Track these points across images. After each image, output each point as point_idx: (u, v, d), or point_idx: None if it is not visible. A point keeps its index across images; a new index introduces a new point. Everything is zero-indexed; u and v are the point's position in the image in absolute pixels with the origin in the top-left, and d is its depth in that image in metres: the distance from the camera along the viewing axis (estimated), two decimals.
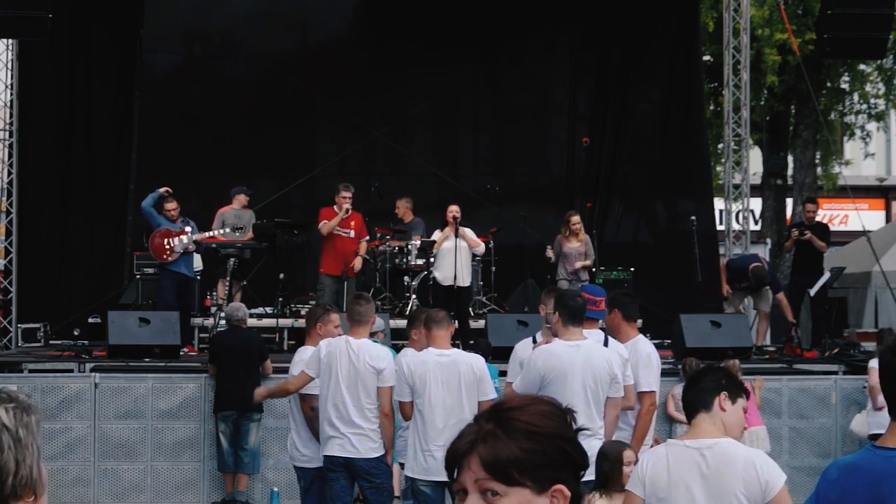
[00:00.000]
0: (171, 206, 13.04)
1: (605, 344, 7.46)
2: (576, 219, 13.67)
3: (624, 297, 7.79)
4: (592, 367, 6.75)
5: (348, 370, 7.43)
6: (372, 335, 9.29)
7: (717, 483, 4.09)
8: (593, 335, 7.51)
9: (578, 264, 13.47)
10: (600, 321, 7.68)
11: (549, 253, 13.62)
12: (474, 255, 13.58)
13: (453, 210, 13.51)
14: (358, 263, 13.41)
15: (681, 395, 4.63)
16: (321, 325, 8.00)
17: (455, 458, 1.96)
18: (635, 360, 7.31)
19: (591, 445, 6.61)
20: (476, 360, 7.29)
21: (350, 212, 13.17)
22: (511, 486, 1.91)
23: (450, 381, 7.07)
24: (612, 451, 5.85)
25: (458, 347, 8.41)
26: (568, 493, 1.91)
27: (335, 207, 13.30)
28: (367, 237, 13.52)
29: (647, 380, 7.29)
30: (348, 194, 13.18)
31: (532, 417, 1.94)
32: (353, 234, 13.33)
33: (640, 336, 7.66)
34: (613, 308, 7.53)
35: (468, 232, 13.27)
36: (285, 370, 9.96)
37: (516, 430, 1.93)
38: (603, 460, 5.76)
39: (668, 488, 4.15)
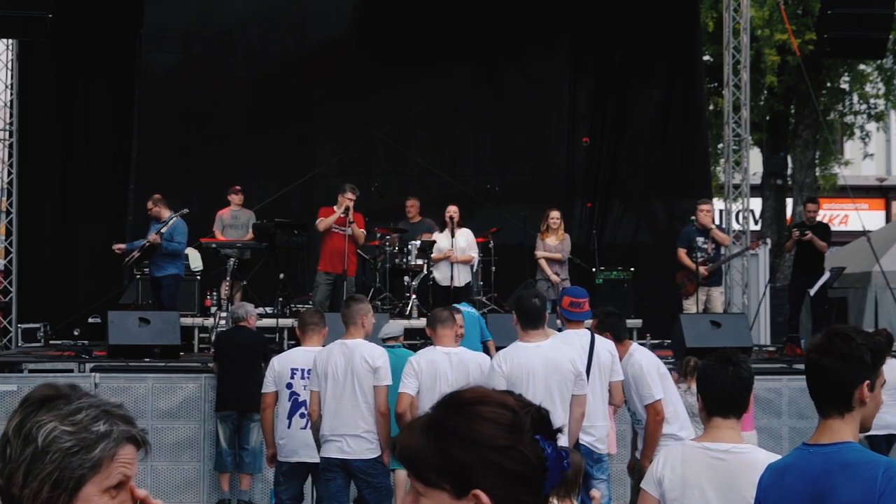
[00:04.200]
0: (149, 205, 13.07)
1: (592, 343, 7.48)
2: (554, 214, 13.66)
3: (612, 317, 7.75)
4: (556, 365, 6.72)
5: (345, 372, 7.43)
6: (393, 340, 9.19)
7: (733, 488, 3.99)
8: (580, 335, 7.53)
9: (540, 254, 13.47)
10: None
11: (544, 265, 13.58)
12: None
13: (451, 211, 13.56)
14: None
15: (701, 385, 4.22)
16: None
17: (393, 449, 1.96)
18: (634, 375, 7.36)
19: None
20: (483, 359, 7.30)
21: (350, 211, 13.15)
22: (429, 488, 1.88)
23: (458, 380, 7.04)
24: (573, 458, 5.82)
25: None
26: (486, 499, 1.84)
27: (335, 207, 13.29)
28: (363, 231, 13.45)
29: (648, 392, 7.31)
30: (353, 196, 13.16)
31: (461, 420, 1.88)
32: (349, 231, 13.31)
33: (633, 347, 7.67)
34: (604, 332, 7.55)
35: (462, 239, 13.34)
36: None
37: (442, 431, 1.88)
38: None
39: (682, 489, 4.05)
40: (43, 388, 2.00)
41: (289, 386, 8.09)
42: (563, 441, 6.50)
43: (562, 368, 6.73)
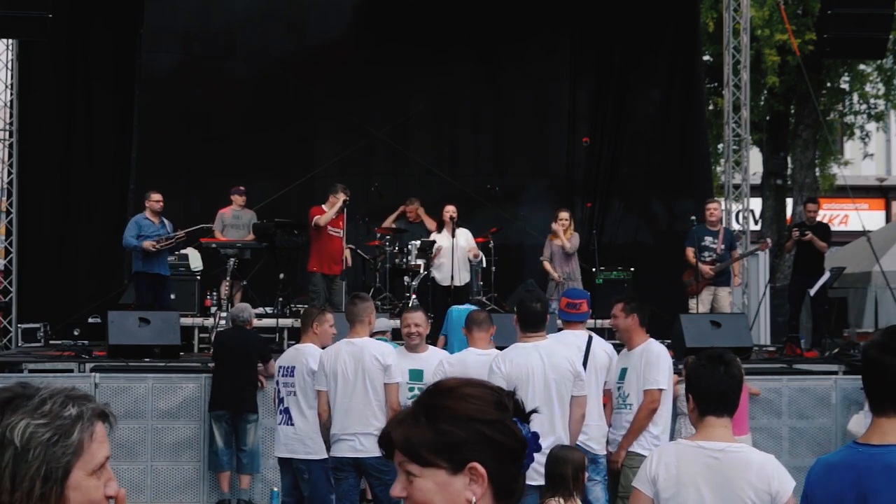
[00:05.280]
0: (157, 196, 13.00)
1: (589, 344, 7.48)
2: (563, 214, 13.64)
3: (642, 303, 7.75)
4: (554, 365, 6.71)
5: (355, 370, 7.43)
6: (381, 334, 9.40)
7: (728, 487, 3.99)
8: (577, 336, 7.52)
9: (556, 243, 13.47)
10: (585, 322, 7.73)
11: (547, 266, 13.59)
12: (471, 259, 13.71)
13: (450, 210, 13.57)
14: (348, 255, 13.63)
15: (693, 384, 4.22)
16: (317, 324, 8.16)
17: (383, 439, 2.03)
18: (647, 360, 7.32)
19: (545, 445, 6.52)
20: None
21: (346, 203, 13.24)
22: (425, 468, 1.97)
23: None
24: (573, 455, 5.80)
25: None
26: (482, 470, 1.94)
27: (324, 206, 13.31)
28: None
29: (654, 377, 7.28)
30: (345, 197, 13.24)
31: (452, 401, 1.99)
32: (342, 233, 13.40)
33: (651, 339, 7.66)
34: (632, 313, 7.51)
35: (462, 239, 13.39)
36: None
37: (434, 412, 1.98)
38: (564, 464, 5.68)
39: (676, 488, 4.04)
40: None
41: (276, 383, 8.38)
42: (536, 426, 6.53)
43: (560, 368, 6.72)
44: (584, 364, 7.29)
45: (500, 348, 7.87)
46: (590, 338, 7.55)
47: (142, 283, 13.01)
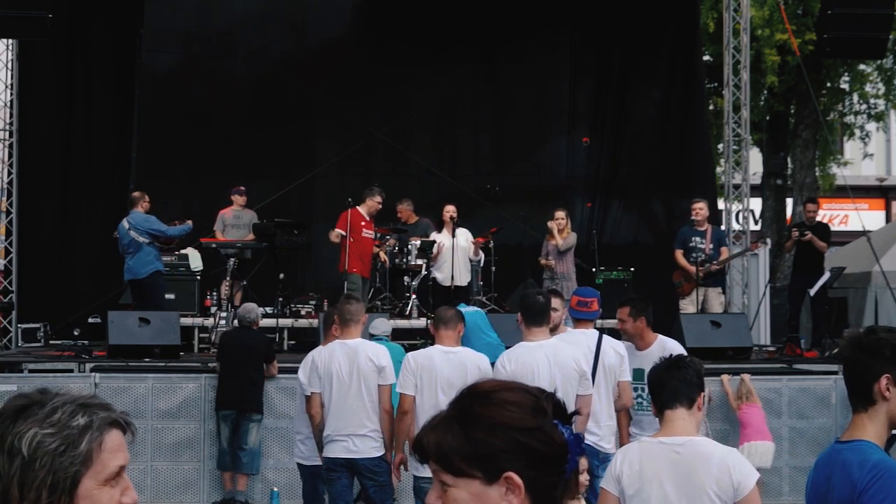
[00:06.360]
0: (147, 197, 12.95)
1: (599, 343, 7.45)
2: (559, 214, 13.63)
3: (647, 304, 7.75)
4: (560, 364, 6.69)
5: (349, 371, 7.42)
6: (380, 335, 9.43)
7: (690, 481, 4.06)
8: (587, 335, 7.51)
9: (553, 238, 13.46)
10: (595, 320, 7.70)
11: (545, 264, 13.61)
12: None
13: (450, 210, 13.56)
14: (385, 258, 13.67)
15: (650, 384, 4.42)
16: (335, 328, 8.01)
17: (418, 446, 1.96)
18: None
19: None
20: (482, 360, 7.26)
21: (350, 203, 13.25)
22: (459, 477, 1.89)
23: (455, 379, 6.93)
24: None
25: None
26: (519, 480, 1.87)
27: (359, 207, 13.18)
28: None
29: None
30: (380, 199, 13.25)
31: (487, 407, 1.91)
32: (374, 235, 13.41)
33: (660, 335, 7.65)
34: (641, 316, 7.52)
35: (462, 238, 13.37)
36: (287, 370, 10.00)
37: (468, 419, 1.91)
38: None
39: (640, 484, 4.11)
40: (14, 400, 1.98)
41: None
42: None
43: (566, 367, 6.70)
44: (595, 363, 7.27)
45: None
46: (600, 336, 7.51)
47: (161, 281, 12.92)
